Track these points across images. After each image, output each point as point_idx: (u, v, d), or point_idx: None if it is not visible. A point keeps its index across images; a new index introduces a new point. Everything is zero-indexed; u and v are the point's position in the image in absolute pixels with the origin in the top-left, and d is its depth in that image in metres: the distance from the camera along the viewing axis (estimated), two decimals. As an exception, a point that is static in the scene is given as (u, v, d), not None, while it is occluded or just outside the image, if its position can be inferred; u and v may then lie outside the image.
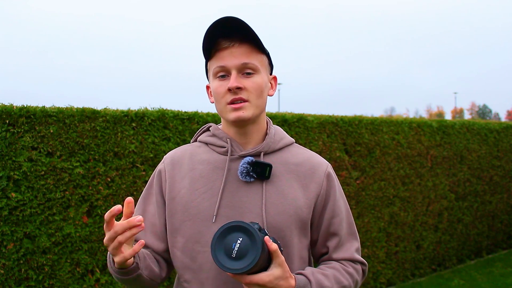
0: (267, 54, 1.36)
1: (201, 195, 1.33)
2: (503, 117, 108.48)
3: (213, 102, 1.37)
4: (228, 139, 1.36)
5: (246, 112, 1.29)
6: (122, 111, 3.34)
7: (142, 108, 3.49)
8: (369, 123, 4.95)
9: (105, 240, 1.13)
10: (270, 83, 1.40)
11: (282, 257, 1.16)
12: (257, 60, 1.31)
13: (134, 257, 1.22)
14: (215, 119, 3.79)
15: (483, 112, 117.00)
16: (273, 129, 1.40)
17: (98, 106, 3.29)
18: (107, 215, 1.09)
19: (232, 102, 1.28)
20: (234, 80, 1.27)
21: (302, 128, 4.33)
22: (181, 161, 1.39)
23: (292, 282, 1.20)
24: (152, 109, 3.53)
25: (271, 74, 1.41)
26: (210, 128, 1.43)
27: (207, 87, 1.41)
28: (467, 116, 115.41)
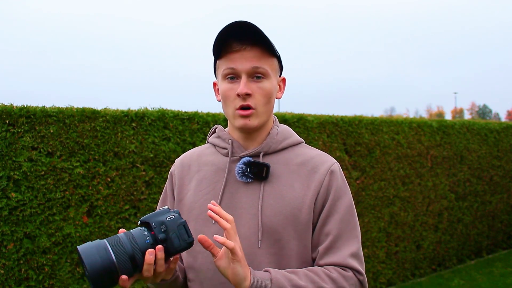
0: (277, 57, 1.35)
1: (204, 196, 1.35)
2: (503, 117, 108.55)
3: (219, 101, 1.37)
4: (230, 140, 1.37)
5: (253, 120, 1.30)
6: (122, 111, 3.35)
7: (142, 108, 3.49)
8: (369, 123, 4.95)
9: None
10: (279, 85, 1.40)
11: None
12: (267, 64, 1.30)
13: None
14: (215, 119, 3.79)
15: (483, 112, 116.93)
16: (276, 129, 1.38)
17: (98, 106, 3.30)
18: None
19: (240, 108, 1.29)
20: (244, 86, 1.27)
21: (302, 128, 4.33)
22: (189, 163, 1.43)
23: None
24: (152, 109, 3.53)
25: (280, 75, 1.40)
26: (216, 130, 1.44)
27: (214, 84, 1.41)
28: (467, 116, 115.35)
